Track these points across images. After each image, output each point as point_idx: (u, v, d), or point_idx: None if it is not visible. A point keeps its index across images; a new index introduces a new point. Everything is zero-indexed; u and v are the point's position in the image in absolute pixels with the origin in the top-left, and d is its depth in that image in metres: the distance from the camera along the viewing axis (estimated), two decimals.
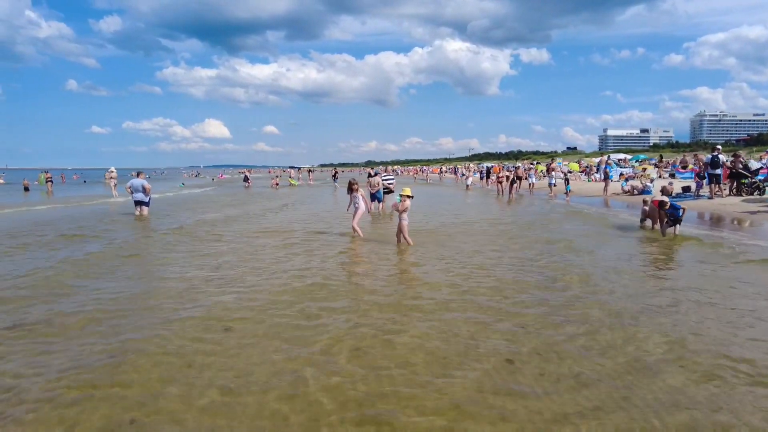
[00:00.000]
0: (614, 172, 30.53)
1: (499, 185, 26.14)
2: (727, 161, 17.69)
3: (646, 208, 12.28)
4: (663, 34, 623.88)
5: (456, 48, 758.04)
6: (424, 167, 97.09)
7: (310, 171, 66.19)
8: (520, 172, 28.28)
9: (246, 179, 40.63)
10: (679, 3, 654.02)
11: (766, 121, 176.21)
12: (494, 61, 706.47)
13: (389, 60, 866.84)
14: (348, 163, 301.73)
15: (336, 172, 49.94)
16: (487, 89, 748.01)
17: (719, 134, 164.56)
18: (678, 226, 10.51)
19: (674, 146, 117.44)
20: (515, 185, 25.54)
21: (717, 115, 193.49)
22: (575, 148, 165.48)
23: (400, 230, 9.91)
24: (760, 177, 18.19)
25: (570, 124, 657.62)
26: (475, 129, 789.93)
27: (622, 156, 50.83)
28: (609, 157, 46.84)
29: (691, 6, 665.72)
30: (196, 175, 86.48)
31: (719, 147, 18.66)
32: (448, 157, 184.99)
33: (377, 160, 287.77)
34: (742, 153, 31.55)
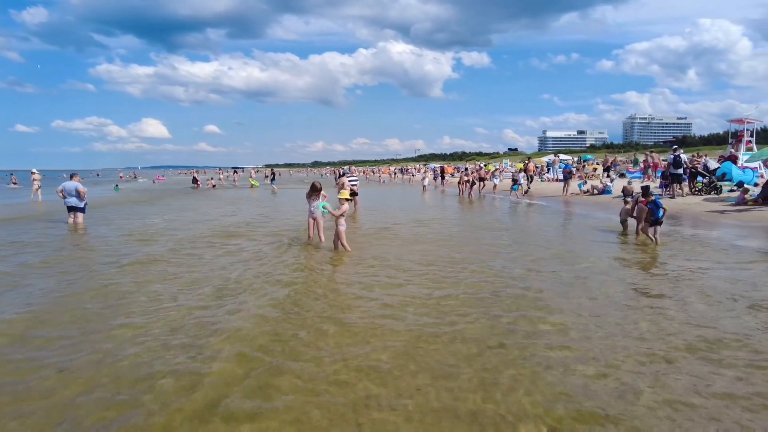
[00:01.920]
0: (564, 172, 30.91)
1: (462, 186, 25.66)
2: (687, 161, 17.99)
3: (628, 207, 11.86)
4: (595, 41, 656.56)
5: (400, 50, 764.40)
6: (375, 168, 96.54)
7: (235, 171, 59.17)
8: (483, 173, 27.99)
9: (195, 181, 40.38)
10: (608, 12, 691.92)
11: (688, 124, 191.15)
12: (437, 64, 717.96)
13: (334, 60, 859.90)
14: (295, 164, 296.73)
15: (273, 173, 43.11)
16: (431, 91, 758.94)
17: (648, 136, 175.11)
18: (658, 227, 9.99)
19: (609, 147, 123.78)
20: (475, 186, 25.16)
21: (646, 118, 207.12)
22: (516, 149, 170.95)
23: (337, 236, 9.22)
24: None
25: (510, 126, 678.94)
26: (421, 130, 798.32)
27: (565, 156, 52.24)
28: (558, 156, 47.86)
29: (619, 15, 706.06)
30: (133, 177, 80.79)
31: (676, 147, 19.01)
32: (395, 157, 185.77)
33: (324, 160, 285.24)
34: (706, 153, 32.89)
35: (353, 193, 17.11)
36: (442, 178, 37.07)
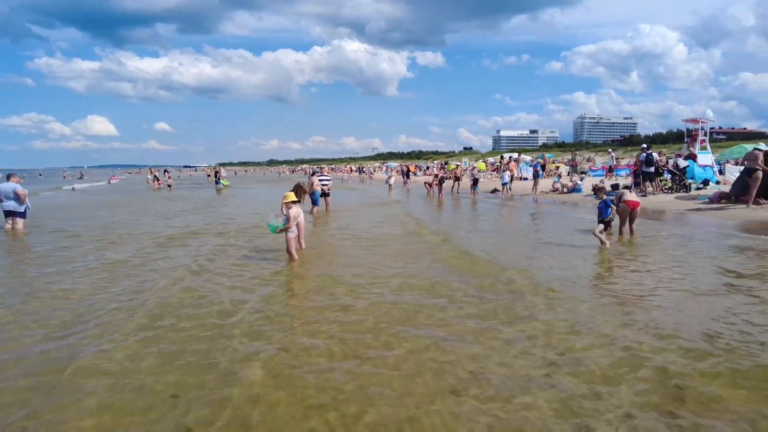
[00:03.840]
0: (529, 171, 30.92)
1: (429, 187, 25.06)
2: (658, 159, 18.06)
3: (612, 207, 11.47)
4: (545, 43, 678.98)
5: (355, 48, 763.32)
6: (334, 166, 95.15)
7: (166, 171, 48.86)
8: (459, 171, 27.50)
9: (156, 179, 38.04)
10: (556, 15, 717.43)
11: (633, 124, 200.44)
12: (392, 63, 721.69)
13: (288, 57, 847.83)
14: (249, 162, 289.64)
15: (218, 172, 39.19)
16: (387, 90, 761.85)
17: (597, 135, 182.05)
18: (609, 228, 9.32)
19: (561, 146, 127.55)
20: (442, 185, 24.56)
21: (595, 118, 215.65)
22: (471, 148, 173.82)
23: (288, 244, 8.21)
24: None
25: (464, 125, 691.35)
26: (378, 129, 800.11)
27: (523, 156, 52.88)
28: (520, 155, 48.35)
29: (566, 18, 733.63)
30: (80, 176, 75.66)
31: (646, 146, 19.10)
32: (352, 156, 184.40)
33: (280, 158, 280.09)
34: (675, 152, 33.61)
35: (324, 194, 16.13)
36: (408, 177, 36.43)
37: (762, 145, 16.38)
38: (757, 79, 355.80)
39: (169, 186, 36.61)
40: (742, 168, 15.62)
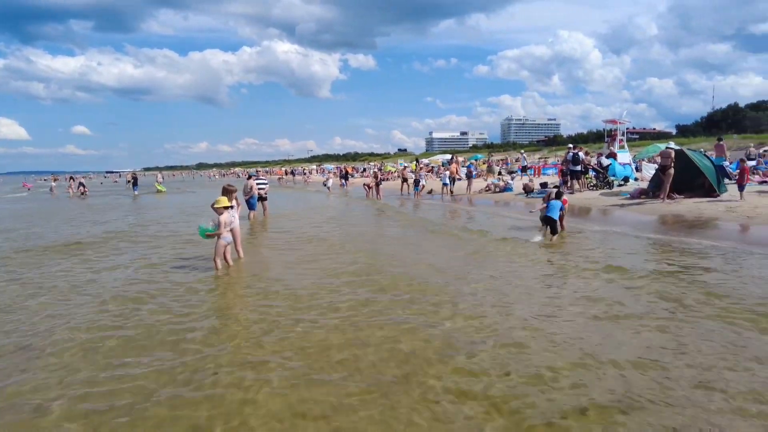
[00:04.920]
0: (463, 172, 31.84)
1: (368, 189, 25.02)
2: (584, 158, 19.14)
3: (543, 206, 12.01)
4: (472, 47, 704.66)
5: (286, 49, 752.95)
6: (268, 169, 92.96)
7: (72, 178, 41.37)
8: (406, 172, 27.63)
9: (81, 185, 35.28)
10: (482, 20, 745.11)
11: (557, 125, 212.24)
12: (324, 65, 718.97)
13: (216, 58, 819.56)
14: (177, 166, 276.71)
15: (135, 178, 36.48)
16: (320, 92, 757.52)
17: (524, 136, 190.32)
18: (550, 227, 10.21)
19: (490, 146, 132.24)
20: (379, 186, 24.68)
21: (521, 120, 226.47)
22: (405, 149, 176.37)
23: (216, 251, 7.84)
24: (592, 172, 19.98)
25: (398, 127, 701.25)
26: (313, 131, 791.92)
27: (449, 156, 54.28)
28: (453, 157, 49.50)
29: (492, 24, 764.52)
30: None
31: (571, 145, 20.18)
32: (287, 158, 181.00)
33: (209, 162, 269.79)
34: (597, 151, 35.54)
35: (261, 198, 15.66)
36: (346, 179, 36.19)
37: (672, 144, 17.81)
38: (662, 84, 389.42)
39: (83, 194, 34.02)
40: (656, 166, 16.92)
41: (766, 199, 13.52)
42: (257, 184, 15.50)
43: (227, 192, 8.31)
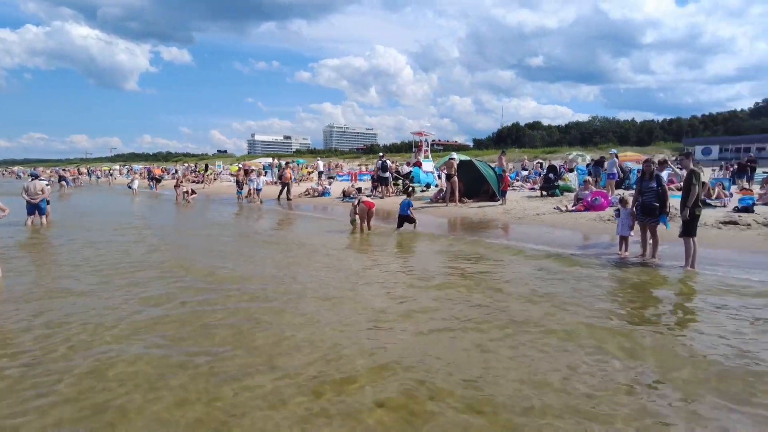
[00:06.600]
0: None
1: (176, 189, 23.30)
2: (391, 166, 20.80)
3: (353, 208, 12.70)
4: (294, 52, 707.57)
5: (84, 34, 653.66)
6: (65, 168, 79.29)
7: None
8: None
9: None
10: (303, 27, 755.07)
11: (374, 134, 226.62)
12: (131, 55, 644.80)
13: None
14: None
15: None
16: (125, 84, 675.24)
17: (345, 143, 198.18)
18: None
19: (313, 152, 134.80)
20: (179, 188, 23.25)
21: (342, 128, 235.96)
22: (225, 151, 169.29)
23: None
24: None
25: (218, 127, 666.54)
26: (117, 127, 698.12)
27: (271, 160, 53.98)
28: (275, 159, 49.03)
29: (313, 31, 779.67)
30: None
31: (383, 154, 21.81)
32: (85, 156, 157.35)
33: None
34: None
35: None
36: (157, 181, 32.91)
37: (454, 155, 20.47)
38: (462, 101, 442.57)
39: None
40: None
41: (533, 203, 16.38)
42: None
43: None
